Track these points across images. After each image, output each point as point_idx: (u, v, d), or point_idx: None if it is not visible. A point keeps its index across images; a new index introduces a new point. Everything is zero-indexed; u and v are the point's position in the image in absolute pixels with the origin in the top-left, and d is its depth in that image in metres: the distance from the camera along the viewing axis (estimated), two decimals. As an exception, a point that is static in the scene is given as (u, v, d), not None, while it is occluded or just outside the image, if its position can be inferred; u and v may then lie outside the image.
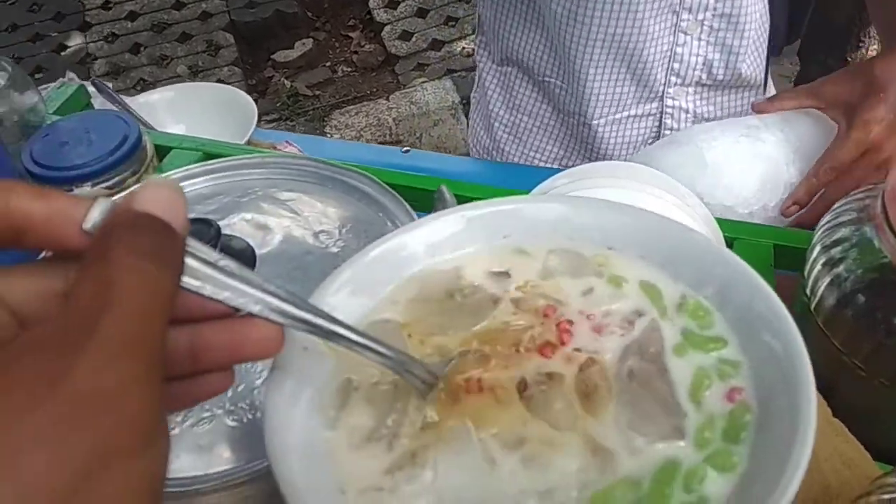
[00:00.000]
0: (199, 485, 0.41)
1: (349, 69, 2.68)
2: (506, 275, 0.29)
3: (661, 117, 0.87)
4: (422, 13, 2.68)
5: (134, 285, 0.20)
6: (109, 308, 0.19)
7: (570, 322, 0.28)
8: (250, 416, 0.43)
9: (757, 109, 0.74)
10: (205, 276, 0.23)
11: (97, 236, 0.21)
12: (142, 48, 2.70)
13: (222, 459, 0.42)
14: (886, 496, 0.34)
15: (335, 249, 0.51)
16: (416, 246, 0.30)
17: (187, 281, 0.22)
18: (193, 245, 0.23)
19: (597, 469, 0.23)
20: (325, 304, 0.28)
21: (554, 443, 0.24)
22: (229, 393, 0.44)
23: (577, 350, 0.27)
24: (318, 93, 2.60)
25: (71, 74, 0.83)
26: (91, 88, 0.83)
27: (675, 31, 0.80)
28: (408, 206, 0.54)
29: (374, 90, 2.56)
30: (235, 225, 0.52)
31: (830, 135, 0.67)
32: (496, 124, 0.97)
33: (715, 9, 0.79)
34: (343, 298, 0.29)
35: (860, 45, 1.49)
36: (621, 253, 0.30)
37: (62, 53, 2.66)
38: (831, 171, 0.64)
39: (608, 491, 0.23)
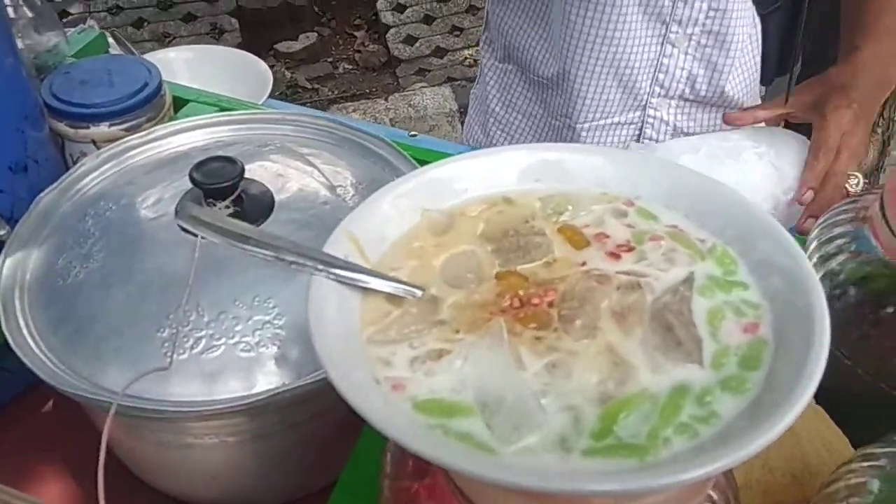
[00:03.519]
0: (202, 408, 0.42)
1: (350, 67, 2.69)
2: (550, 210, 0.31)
3: (641, 126, 0.89)
4: (428, 20, 2.71)
5: None
6: None
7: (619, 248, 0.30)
8: (260, 350, 0.44)
9: (729, 119, 0.77)
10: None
11: None
12: (145, 23, 2.69)
13: (227, 388, 0.43)
14: (854, 480, 0.36)
15: (351, 203, 0.52)
16: (463, 177, 0.32)
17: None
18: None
19: (616, 381, 0.25)
20: (373, 213, 0.30)
21: (579, 354, 0.26)
22: (239, 325, 0.45)
23: (624, 273, 0.29)
24: (317, 86, 2.61)
25: (91, 22, 0.84)
26: (110, 39, 0.84)
27: (663, 41, 0.82)
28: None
29: (374, 90, 2.58)
30: (255, 171, 0.53)
31: (803, 150, 0.72)
32: (491, 120, 0.99)
33: (704, 24, 0.81)
34: (391, 211, 0.30)
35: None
36: (647, 202, 0.32)
37: (63, 20, 2.64)
38: (829, 152, 0.70)
39: (625, 400, 0.25)
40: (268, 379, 0.44)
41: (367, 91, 2.57)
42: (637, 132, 0.90)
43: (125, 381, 0.43)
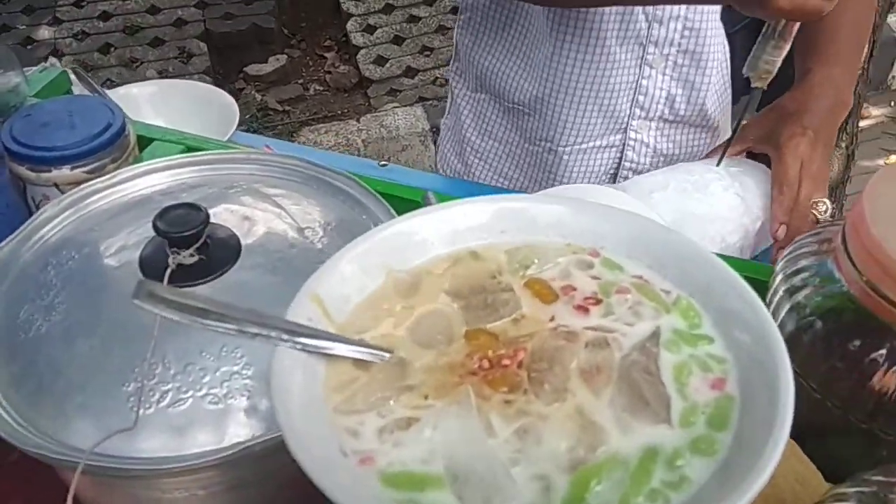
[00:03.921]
0: (170, 465, 0.41)
1: (321, 88, 2.69)
2: (517, 265, 0.31)
3: (622, 149, 0.90)
4: (398, 41, 2.72)
5: None
6: None
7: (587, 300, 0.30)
8: (228, 401, 0.43)
9: (712, 155, 0.79)
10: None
11: None
12: (112, 49, 2.67)
13: (196, 442, 0.42)
14: (839, 504, 0.36)
15: (319, 246, 0.52)
16: (426, 232, 0.32)
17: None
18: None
19: (587, 446, 0.25)
20: (336, 273, 0.29)
21: (549, 418, 0.26)
22: (206, 377, 0.44)
23: (591, 328, 0.29)
24: (288, 108, 2.60)
25: (53, 60, 0.83)
26: (72, 76, 0.83)
27: (641, 63, 0.84)
28: (392, 211, 0.56)
29: (346, 111, 2.58)
30: (220, 214, 0.52)
31: (766, 179, 0.73)
32: (468, 149, 1.00)
33: (679, 44, 0.83)
34: (354, 270, 0.30)
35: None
36: (611, 253, 0.32)
37: (28, 47, 2.61)
38: (791, 185, 0.71)
39: (597, 467, 0.24)
40: (237, 431, 0.43)
41: (339, 112, 2.57)
42: (618, 155, 0.90)
43: (91, 437, 0.42)
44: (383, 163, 0.89)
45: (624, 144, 0.89)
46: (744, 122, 0.77)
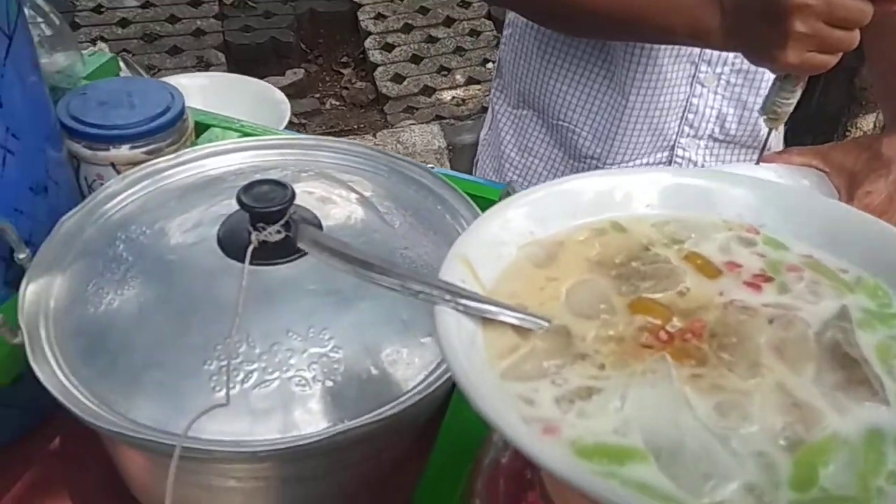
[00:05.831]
0: (269, 447, 0.38)
1: (338, 103, 2.69)
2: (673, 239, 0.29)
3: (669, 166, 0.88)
4: (416, 59, 2.73)
5: None
6: None
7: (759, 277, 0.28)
8: (315, 385, 0.41)
9: (765, 160, 0.76)
10: None
11: None
12: (130, 55, 2.66)
13: (280, 426, 0.40)
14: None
15: (401, 232, 0.50)
16: (595, 195, 0.30)
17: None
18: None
19: (803, 424, 0.23)
20: (483, 235, 0.28)
21: (752, 394, 0.24)
22: (293, 358, 0.41)
23: (771, 305, 0.27)
24: (304, 122, 2.59)
25: (102, 45, 0.81)
26: (121, 63, 0.81)
27: (692, 81, 0.82)
28: (469, 200, 0.54)
29: (362, 126, 2.57)
30: (299, 196, 0.50)
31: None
32: (507, 165, 0.98)
33: (733, 63, 0.81)
34: (519, 215, 0.28)
35: (846, 134, 1.58)
36: (774, 231, 0.30)
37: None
38: None
39: (819, 446, 0.22)
40: (324, 417, 0.40)
41: (356, 127, 2.56)
42: None
43: (167, 417, 0.40)
44: (430, 166, 0.88)
45: (671, 162, 0.88)
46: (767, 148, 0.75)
